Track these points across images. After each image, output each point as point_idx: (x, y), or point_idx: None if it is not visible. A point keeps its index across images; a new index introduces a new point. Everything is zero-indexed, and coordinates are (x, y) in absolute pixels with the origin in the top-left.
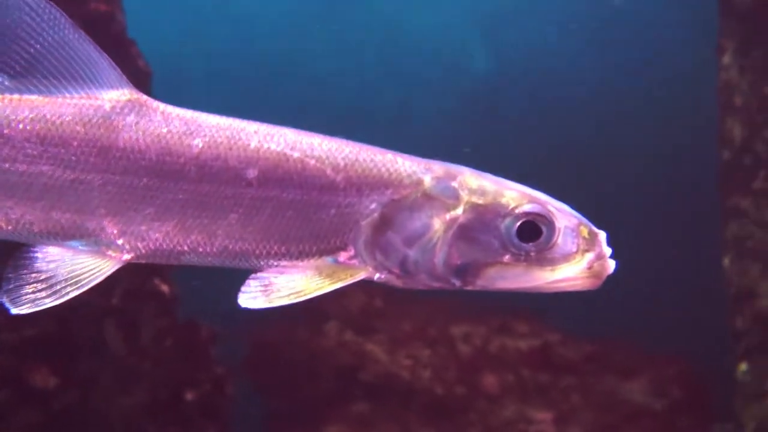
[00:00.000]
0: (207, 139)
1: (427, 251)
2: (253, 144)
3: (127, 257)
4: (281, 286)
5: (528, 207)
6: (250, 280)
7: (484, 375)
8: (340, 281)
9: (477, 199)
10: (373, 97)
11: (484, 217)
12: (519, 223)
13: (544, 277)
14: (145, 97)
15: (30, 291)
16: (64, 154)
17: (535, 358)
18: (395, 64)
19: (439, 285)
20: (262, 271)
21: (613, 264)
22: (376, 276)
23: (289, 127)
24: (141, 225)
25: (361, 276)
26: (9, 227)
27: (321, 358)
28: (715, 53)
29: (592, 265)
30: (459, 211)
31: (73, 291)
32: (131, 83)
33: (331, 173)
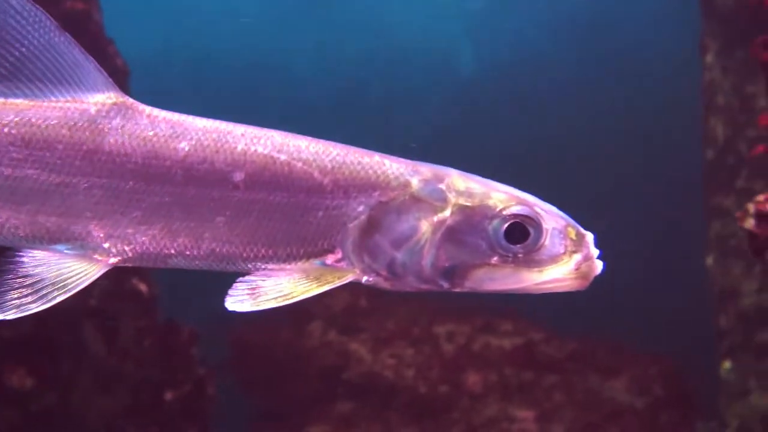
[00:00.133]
0: (193, 142)
1: (414, 253)
2: (240, 147)
3: (113, 261)
4: (268, 289)
5: (515, 209)
6: (237, 284)
7: (468, 374)
8: (327, 284)
9: (464, 201)
10: (357, 96)
11: (472, 219)
12: (506, 225)
13: (532, 279)
14: (131, 101)
15: (16, 296)
16: (50, 158)
17: (518, 357)
18: (380, 63)
19: (427, 287)
20: (250, 275)
21: (601, 265)
22: (364, 278)
23: (276, 130)
24: (127, 228)
25: (348, 278)
26: None
27: (305, 357)
28: (699, 53)
29: (580, 266)
30: (447, 213)
31: (60, 295)
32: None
33: (318, 176)
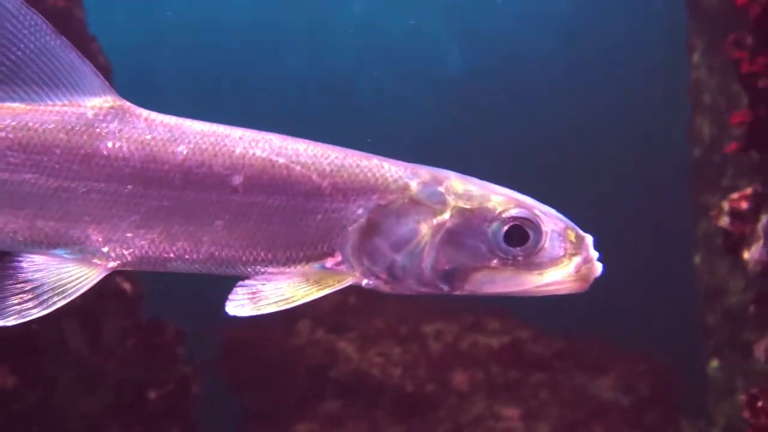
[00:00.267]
0: (191, 145)
1: (414, 256)
2: (239, 150)
3: (112, 265)
4: (269, 293)
5: (515, 211)
6: (237, 288)
7: (455, 372)
8: (327, 287)
9: (464, 204)
10: (347, 96)
11: (471, 222)
12: (506, 228)
13: (532, 281)
14: (129, 104)
15: (16, 302)
16: (47, 162)
17: (505, 355)
18: (370, 63)
19: (427, 290)
20: (249, 278)
21: (601, 267)
22: (364, 282)
23: (274, 133)
24: (126, 232)
25: (348, 282)
26: None
27: (292, 356)
28: (686, 51)
29: (580, 269)
30: (446, 216)
31: (60, 300)
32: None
33: (317, 179)
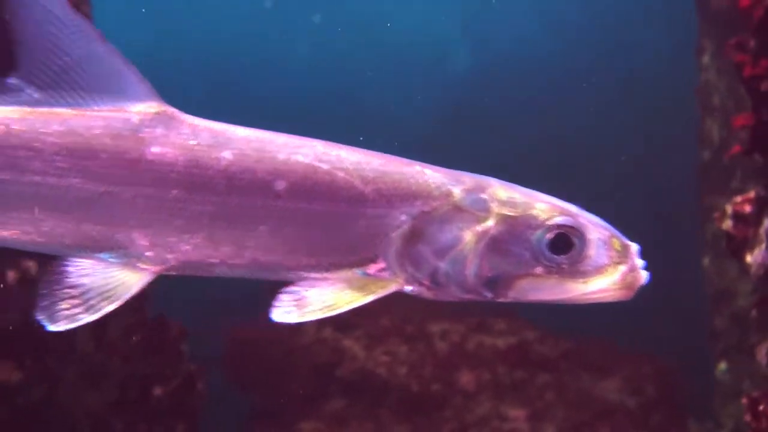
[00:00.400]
0: (235, 151)
1: (458, 263)
2: (282, 156)
3: (157, 269)
4: (313, 300)
5: (559, 219)
6: (282, 294)
7: (461, 372)
8: (371, 294)
9: (508, 211)
10: (355, 94)
11: (515, 229)
12: (550, 236)
13: (577, 290)
14: (173, 110)
15: (65, 307)
16: (94, 167)
17: (511, 356)
18: (376, 61)
19: (470, 297)
20: (293, 284)
21: (647, 275)
22: (407, 288)
23: (317, 139)
24: (170, 237)
25: (392, 289)
26: (41, 240)
27: (298, 354)
28: (695, 53)
29: (626, 277)
30: (490, 223)
31: (107, 305)
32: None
33: (360, 185)
